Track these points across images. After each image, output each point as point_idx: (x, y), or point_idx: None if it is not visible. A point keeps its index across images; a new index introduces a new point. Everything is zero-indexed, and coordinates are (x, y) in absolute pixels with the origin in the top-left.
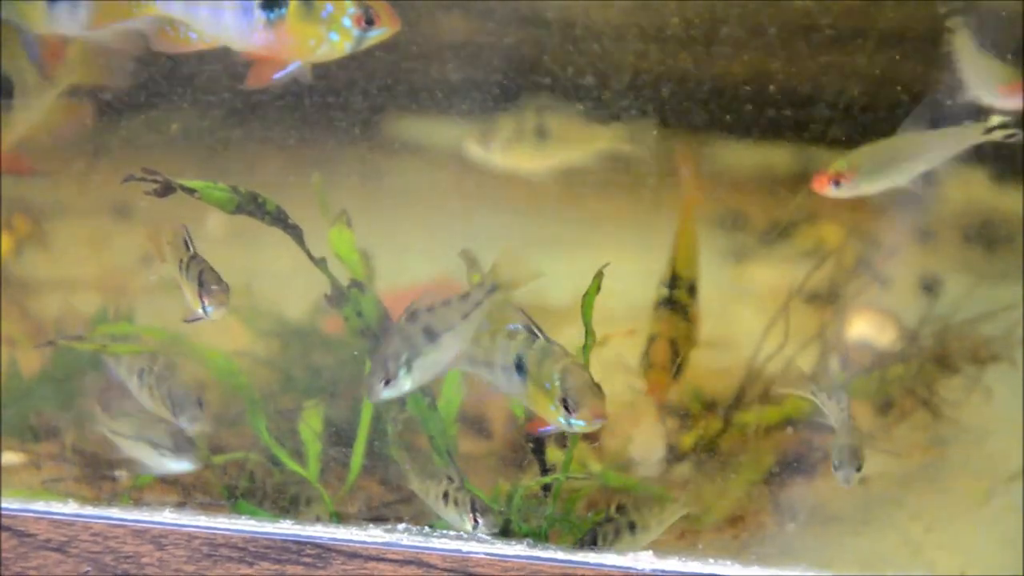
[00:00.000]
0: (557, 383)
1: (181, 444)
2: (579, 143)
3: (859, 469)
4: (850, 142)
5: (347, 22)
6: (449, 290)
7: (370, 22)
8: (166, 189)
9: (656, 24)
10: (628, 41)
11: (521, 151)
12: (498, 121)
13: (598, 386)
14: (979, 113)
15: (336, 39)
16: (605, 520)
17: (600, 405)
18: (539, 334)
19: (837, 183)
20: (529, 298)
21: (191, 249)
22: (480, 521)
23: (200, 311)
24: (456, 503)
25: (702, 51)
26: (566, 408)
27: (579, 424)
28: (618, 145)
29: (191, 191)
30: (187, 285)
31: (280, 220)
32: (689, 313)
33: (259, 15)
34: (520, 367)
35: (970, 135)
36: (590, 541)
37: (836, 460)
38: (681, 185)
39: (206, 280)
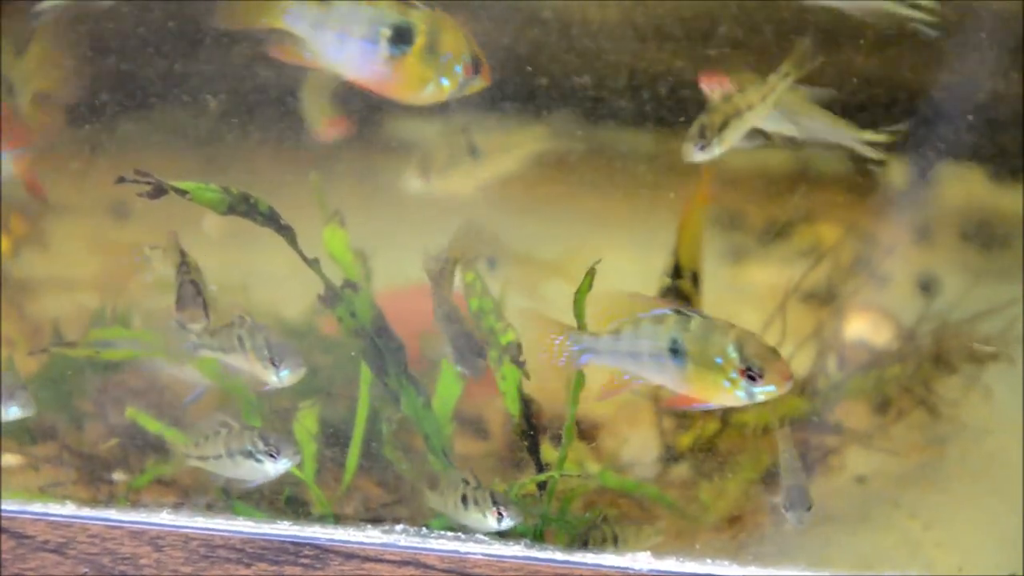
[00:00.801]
0: (734, 355)
1: (274, 444)
2: (509, 152)
3: (809, 509)
4: None
5: (458, 69)
6: None
7: (476, 72)
8: (158, 191)
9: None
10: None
11: (458, 173)
12: (431, 149)
13: (776, 350)
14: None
15: (445, 84)
16: (593, 526)
17: (786, 367)
18: (694, 313)
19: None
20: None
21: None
22: (504, 514)
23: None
24: (476, 502)
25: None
26: (750, 377)
27: (768, 390)
28: (545, 144)
29: (183, 192)
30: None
31: (272, 221)
32: (692, 303)
33: (384, 49)
34: (676, 350)
35: (848, 136)
36: (581, 543)
37: (786, 502)
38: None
39: (183, 295)
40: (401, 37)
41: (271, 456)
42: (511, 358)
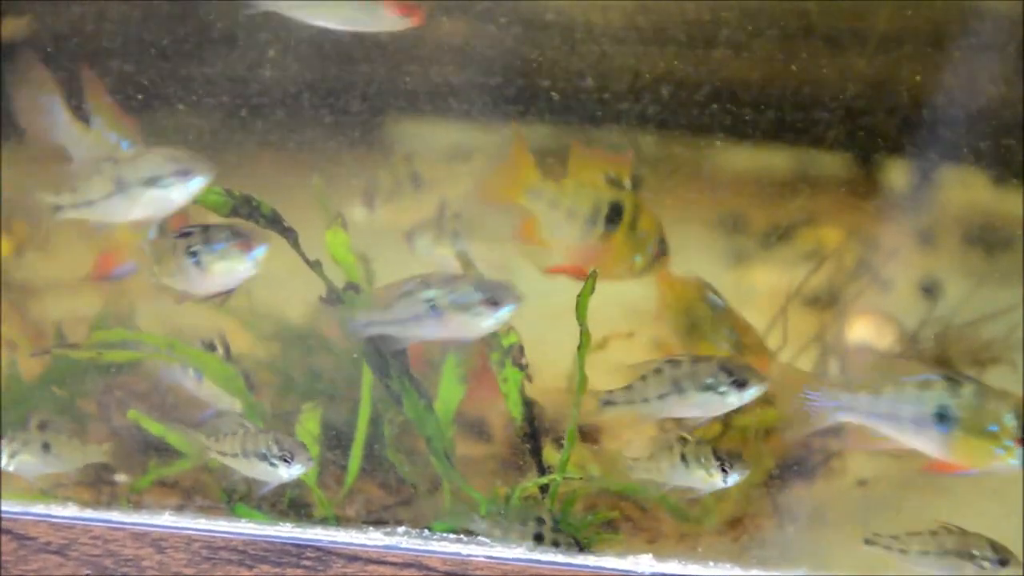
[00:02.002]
0: (1012, 423)
1: (288, 449)
2: (449, 182)
3: None
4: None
5: (650, 248)
6: None
7: (663, 254)
8: None
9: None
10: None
11: (401, 204)
12: (374, 181)
13: None
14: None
15: (638, 261)
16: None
17: None
18: (965, 379)
19: None
20: (528, 301)
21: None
22: (730, 469)
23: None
24: (699, 460)
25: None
26: None
27: None
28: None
29: None
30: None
31: (275, 223)
32: None
33: (601, 226)
34: (943, 416)
35: None
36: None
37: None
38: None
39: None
40: (615, 215)
41: (284, 460)
42: (513, 360)
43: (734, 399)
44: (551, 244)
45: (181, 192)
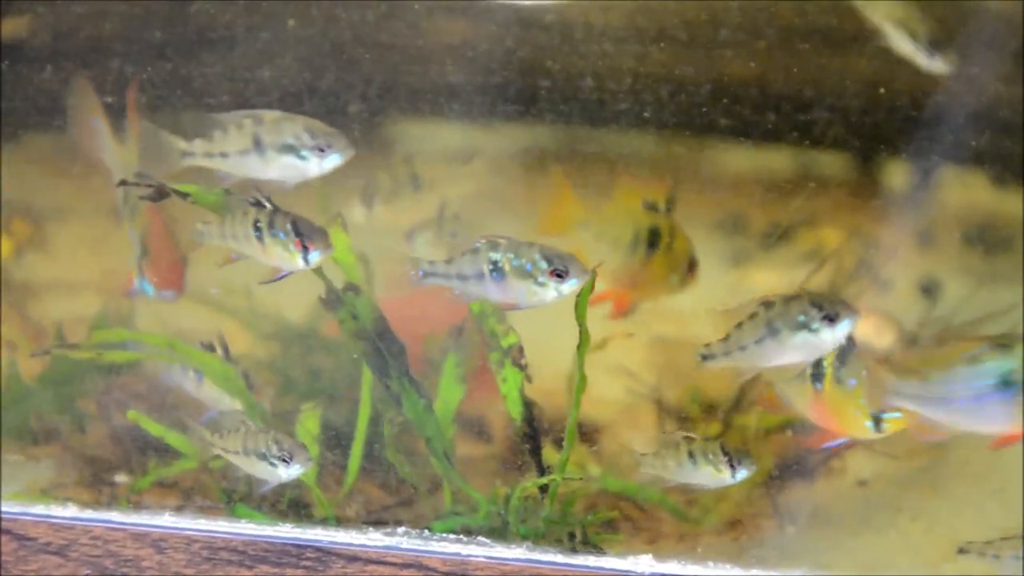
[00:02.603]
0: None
1: (287, 449)
2: (448, 184)
3: None
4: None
5: (684, 267)
6: (449, 295)
7: (691, 272)
8: (160, 193)
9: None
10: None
11: (400, 205)
12: (374, 180)
13: None
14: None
15: (674, 280)
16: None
17: None
18: (1012, 340)
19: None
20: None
21: (269, 205)
22: (738, 465)
23: (300, 262)
24: (707, 457)
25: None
26: None
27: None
28: (483, 180)
29: (184, 195)
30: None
31: None
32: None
33: (643, 252)
34: (1006, 382)
35: None
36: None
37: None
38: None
39: (303, 229)
40: (654, 239)
41: (284, 461)
42: (512, 361)
43: (827, 336)
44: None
45: (316, 165)
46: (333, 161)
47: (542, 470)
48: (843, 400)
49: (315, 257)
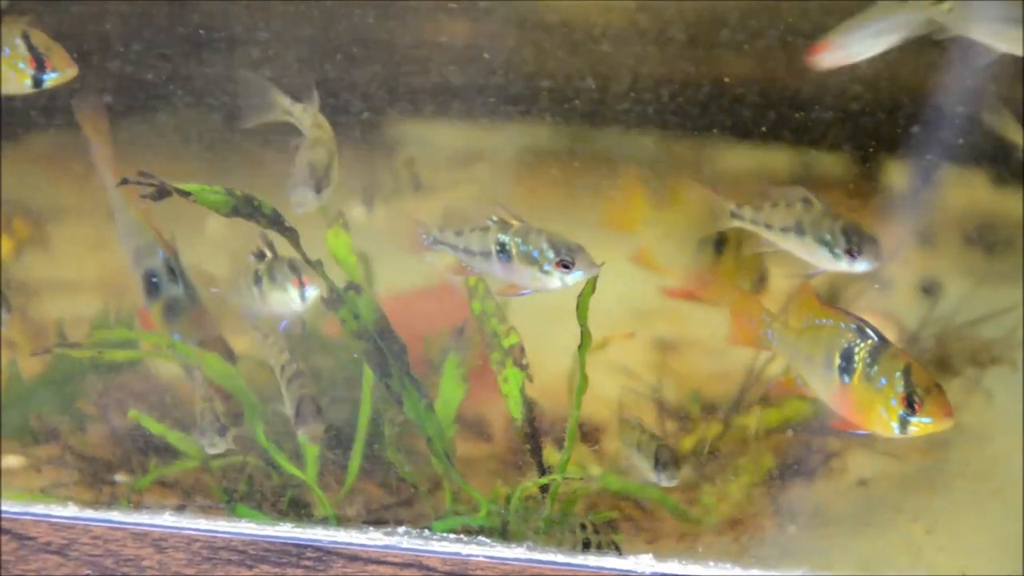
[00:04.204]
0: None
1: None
2: (449, 188)
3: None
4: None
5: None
6: (450, 294)
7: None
8: (161, 193)
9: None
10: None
11: (400, 206)
12: (375, 181)
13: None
14: None
15: (744, 285)
16: (594, 531)
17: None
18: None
19: (828, 51)
20: (529, 301)
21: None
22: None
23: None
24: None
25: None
26: (910, 406)
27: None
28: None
29: (186, 194)
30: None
31: (276, 223)
32: None
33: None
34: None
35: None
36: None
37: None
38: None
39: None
40: (722, 242)
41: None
42: (514, 361)
43: (844, 264)
44: (664, 269)
45: (558, 281)
46: (576, 278)
47: (543, 470)
48: (871, 397)
49: (312, 293)
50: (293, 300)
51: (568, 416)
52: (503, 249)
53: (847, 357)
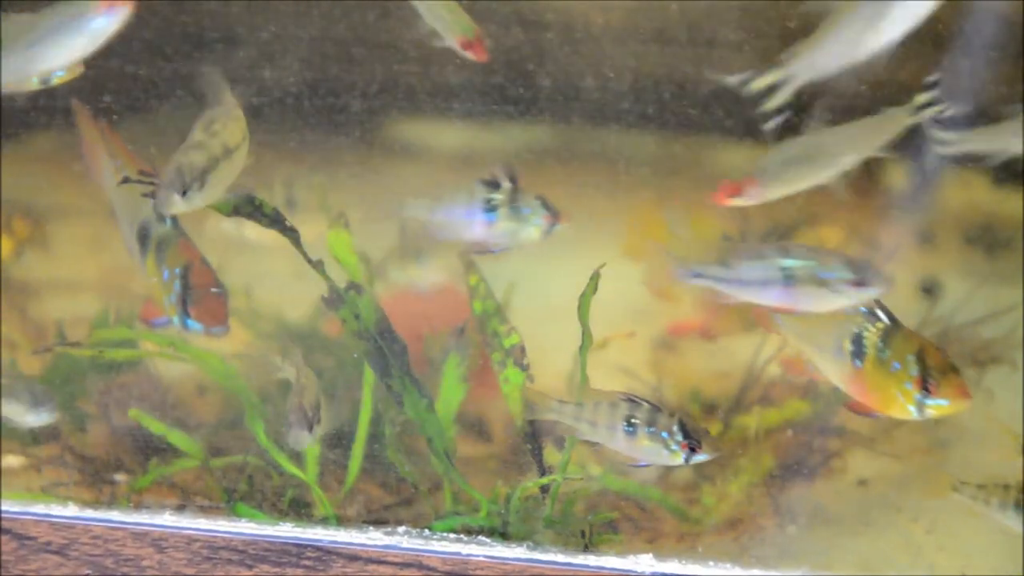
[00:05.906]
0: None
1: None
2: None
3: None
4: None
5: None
6: (450, 295)
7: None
8: None
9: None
10: None
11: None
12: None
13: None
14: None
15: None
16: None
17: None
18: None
19: (740, 193)
20: (529, 301)
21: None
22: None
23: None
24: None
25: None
26: (926, 389)
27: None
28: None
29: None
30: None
31: (277, 222)
32: None
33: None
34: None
35: (897, 120)
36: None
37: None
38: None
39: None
40: None
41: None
42: (514, 361)
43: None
44: (675, 295)
45: (853, 297)
46: (869, 293)
47: (543, 470)
48: (885, 380)
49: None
50: (534, 234)
51: None
52: (790, 275)
53: (857, 341)
